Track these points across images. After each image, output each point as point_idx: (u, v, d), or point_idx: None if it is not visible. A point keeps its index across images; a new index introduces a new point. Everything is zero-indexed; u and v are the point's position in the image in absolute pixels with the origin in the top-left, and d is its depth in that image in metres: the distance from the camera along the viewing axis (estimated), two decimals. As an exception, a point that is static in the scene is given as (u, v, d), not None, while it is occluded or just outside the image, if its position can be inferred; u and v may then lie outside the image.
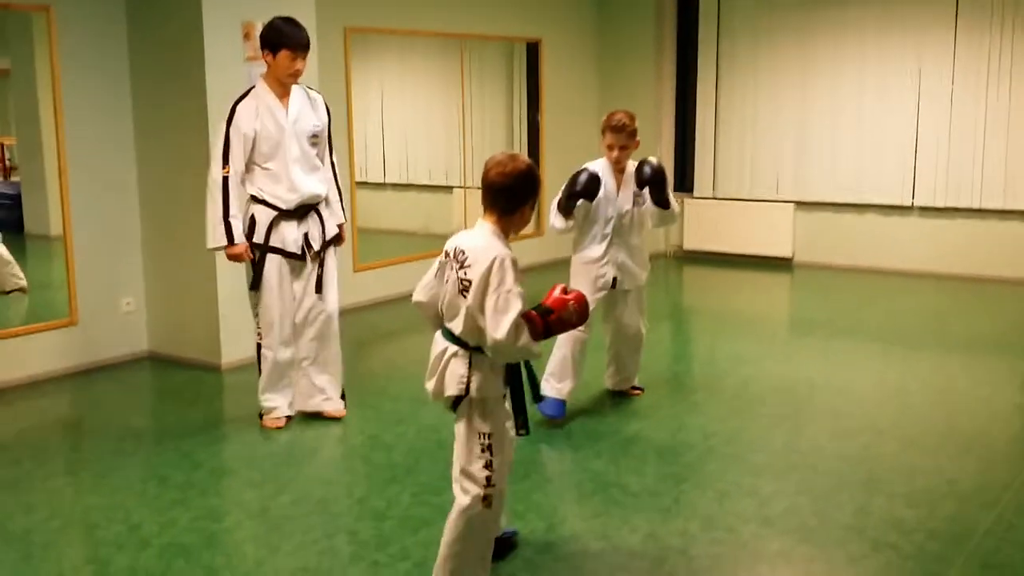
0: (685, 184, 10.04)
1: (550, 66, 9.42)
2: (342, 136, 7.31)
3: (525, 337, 2.84)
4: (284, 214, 4.66)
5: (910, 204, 8.82)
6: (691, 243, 9.88)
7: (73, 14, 5.74)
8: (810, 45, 9.13)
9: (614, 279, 4.86)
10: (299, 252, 4.72)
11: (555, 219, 4.71)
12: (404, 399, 5.34)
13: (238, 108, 4.58)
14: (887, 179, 8.87)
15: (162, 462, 4.45)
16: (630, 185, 4.82)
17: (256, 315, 4.77)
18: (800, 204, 9.34)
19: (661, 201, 4.78)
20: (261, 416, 4.88)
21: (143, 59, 5.98)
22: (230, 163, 4.57)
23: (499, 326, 2.81)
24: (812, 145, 9.23)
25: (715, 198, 9.76)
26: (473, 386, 2.96)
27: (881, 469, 4.24)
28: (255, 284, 4.69)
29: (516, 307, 2.83)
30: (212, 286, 5.79)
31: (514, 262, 2.88)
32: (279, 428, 4.83)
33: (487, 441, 3.01)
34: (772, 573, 3.36)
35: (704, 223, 9.80)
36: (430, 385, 3.05)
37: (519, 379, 3.09)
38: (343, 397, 5.03)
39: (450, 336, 2.99)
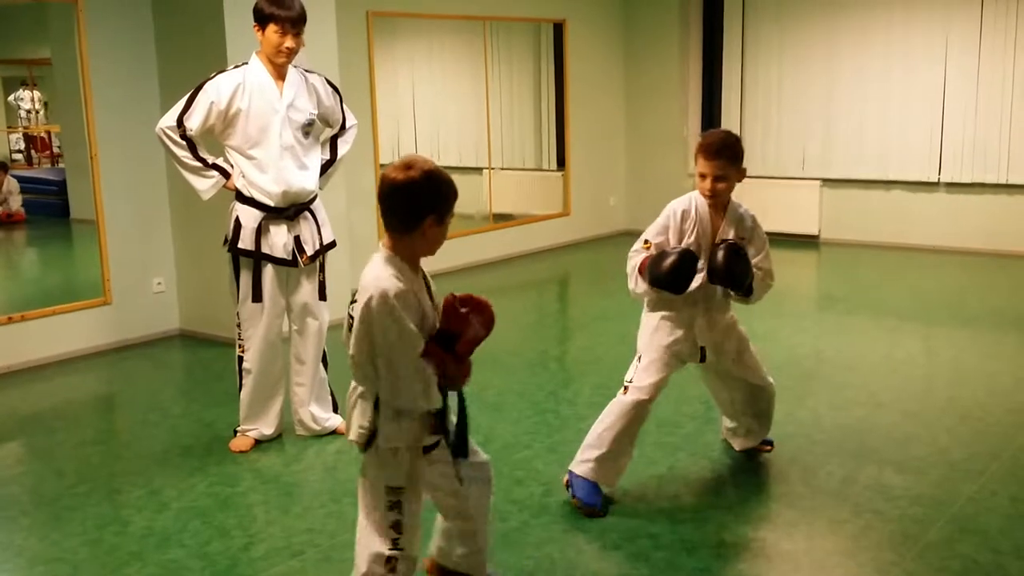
0: (711, 162, 10.08)
1: (575, 47, 9.52)
2: (366, 120, 7.49)
3: (429, 389, 2.51)
4: (272, 215, 4.21)
5: (936, 180, 8.81)
6: (718, 221, 9.91)
7: (101, 3, 5.97)
8: (836, 22, 9.13)
9: (702, 351, 3.81)
10: (289, 258, 4.25)
11: (634, 283, 3.70)
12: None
13: (218, 76, 4.15)
14: (913, 155, 8.87)
15: (185, 432, 4.69)
16: (732, 229, 3.71)
17: (238, 325, 4.33)
18: (826, 181, 9.36)
19: (738, 291, 3.74)
20: (235, 432, 4.49)
21: (169, 45, 6.20)
22: (185, 124, 4.13)
23: (395, 383, 2.48)
24: (838, 122, 9.24)
25: (741, 176, 9.78)
26: (381, 434, 2.57)
27: (875, 439, 4.34)
28: (256, 296, 4.24)
29: (407, 358, 2.46)
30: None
31: (400, 296, 2.45)
32: (243, 452, 4.37)
33: (395, 498, 2.62)
34: (754, 534, 3.49)
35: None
36: (347, 428, 2.71)
37: (456, 424, 2.68)
38: (336, 409, 4.62)
39: None
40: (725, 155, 3.62)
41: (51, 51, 7.04)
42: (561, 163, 9.72)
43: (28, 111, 8.86)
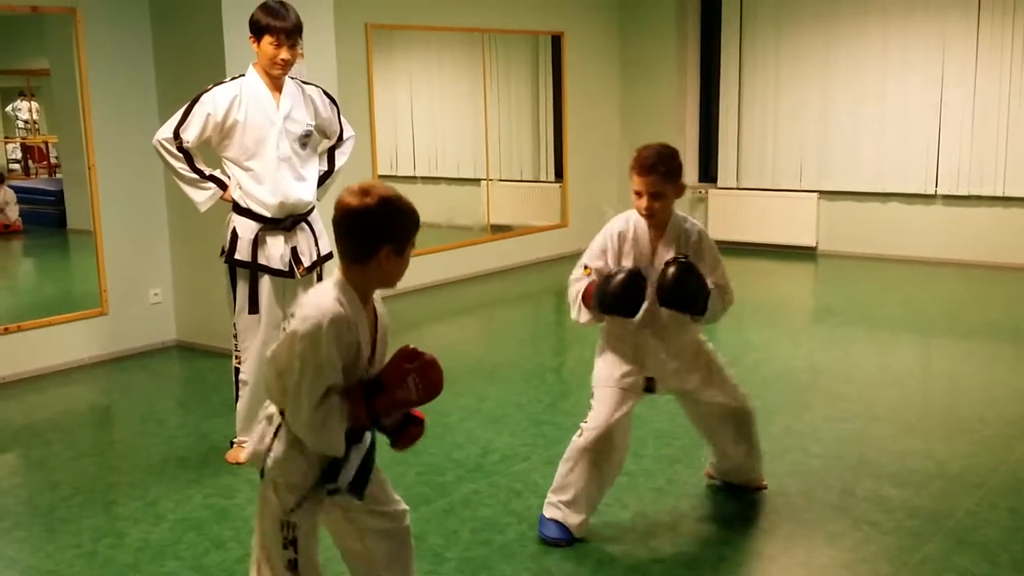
0: (709, 174, 10.12)
1: (573, 59, 9.54)
2: (364, 132, 7.50)
3: (329, 432, 2.31)
4: (269, 226, 4.20)
5: (933, 193, 8.83)
6: (715, 233, 9.74)
7: (99, 15, 5.98)
8: (833, 34, 9.15)
9: (648, 381, 3.53)
10: (286, 269, 4.25)
11: (577, 312, 3.47)
12: (417, 385, 5.51)
13: (215, 88, 4.15)
14: (910, 168, 8.89)
15: (181, 443, 4.68)
16: (672, 248, 3.45)
17: (235, 336, 4.33)
18: (823, 193, 9.37)
19: (689, 312, 3.46)
20: (231, 444, 4.47)
21: (167, 56, 6.21)
22: (181, 136, 4.13)
23: (293, 413, 2.31)
24: (835, 134, 9.26)
25: (739, 188, 9.82)
26: (270, 461, 2.40)
27: (873, 451, 4.34)
28: (252, 307, 4.22)
29: (311, 389, 2.26)
30: (235, 276, 6.01)
31: (334, 323, 2.28)
32: (239, 463, 4.30)
33: (291, 534, 2.41)
34: (752, 546, 3.49)
35: (728, 213, 9.87)
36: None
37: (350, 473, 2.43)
38: None
39: None
40: (659, 171, 3.35)
41: (49, 62, 7.05)
42: (559, 175, 9.73)
43: (26, 121, 8.86)
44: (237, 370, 4.36)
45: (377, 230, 2.33)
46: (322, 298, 2.34)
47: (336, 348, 2.29)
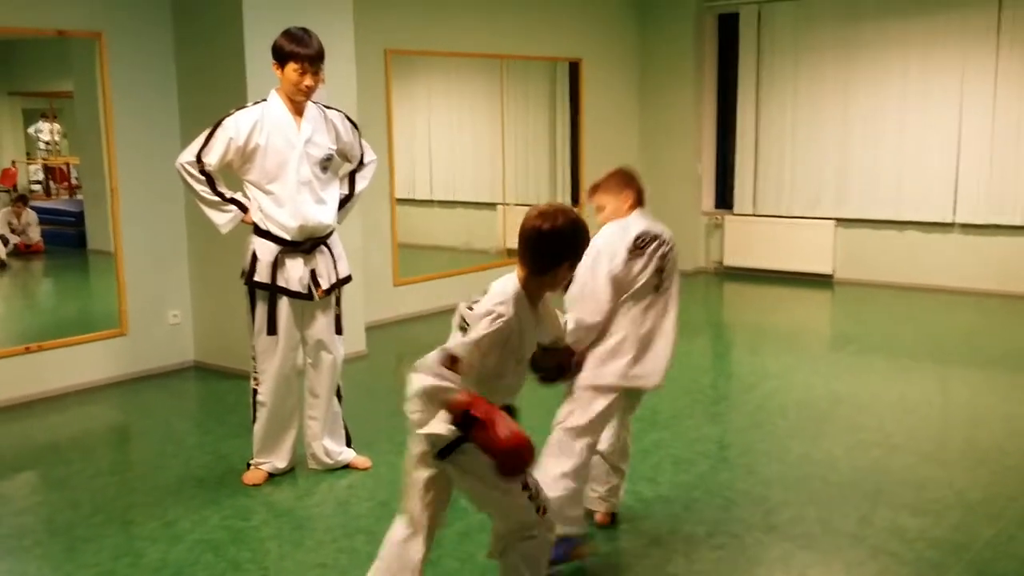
0: (725, 200, 10.14)
1: (590, 85, 9.59)
2: (382, 156, 7.54)
3: (436, 396, 2.56)
4: (289, 249, 4.24)
5: (951, 221, 8.80)
6: (732, 259, 9.95)
7: (123, 39, 6.06)
8: (851, 61, 9.17)
9: None
10: (304, 291, 4.28)
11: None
12: (433, 408, 5.52)
13: (237, 113, 4.19)
14: (928, 196, 8.86)
15: (199, 464, 4.70)
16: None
17: (253, 358, 4.36)
18: (841, 221, 9.36)
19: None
20: (248, 466, 4.49)
21: (190, 79, 6.28)
22: (203, 160, 4.17)
23: (427, 357, 2.61)
24: (853, 162, 9.25)
25: (756, 215, 9.82)
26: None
27: (891, 481, 4.32)
28: (271, 329, 4.27)
29: (466, 356, 2.58)
30: (254, 298, 6.05)
31: (507, 323, 2.61)
32: (256, 485, 4.38)
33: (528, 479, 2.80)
34: (769, 575, 3.48)
35: (745, 239, 9.87)
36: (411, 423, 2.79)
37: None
38: (349, 443, 4.65)
39: None
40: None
41: (73, 84, 7.14)
42: (575, 200, 9.76)
43: (47, 143, 8.97)
44: (255, 391, 4.38)
45: (563, 249, 2.67)
46: (503, 297, 2.65)
47: (496, 341, 2.61)
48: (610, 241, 3.38)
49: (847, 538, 3.74)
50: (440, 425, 2.59)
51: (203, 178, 4.22)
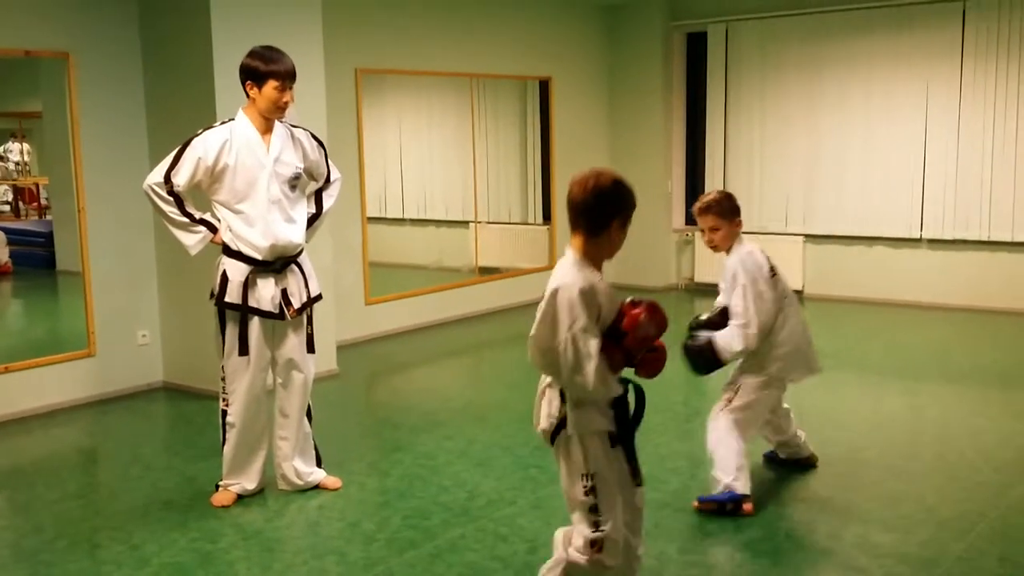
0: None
1: (561, 103, 9.64)
2: (353, 175, 7.54)
3: (604, 377, 2.72)
4: (260, 269, 4.22)
5: (919, 237, 8.89)
6: (702, 276, 9.99)
7: (91, 59, 6.03)
8: (818, 79, 9.27)
9: None
10: (276, 311, 4.26)
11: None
12: (404, 427, 5.50)
13: (205, 132, 4.17)
14: (896, 212, 8.96)
15: (167, 486, 4.64)
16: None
17: (223, 378, 4.31)
18: (809, 237, 9.43)
19: None
20: (217, 487, 4.44)
21: (158, 99, 6.25)
22: (172, 180, 4.14)
23: (574, 372, 2.69)
24: (821, 178, 9.34)
25: (726, 232, 9.85)
26: (569, 420, 2.79)
27: (861, 497, 4.34)
28: (242, 349, 4.23)
29: (589, 350, 2.69)
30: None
31: (584, 292, 2.71)
32: (225, 507, 4.33)
33: (589, 483, 2.81)
34: (740, 594, 3.47)
35: (715, 256, 9.80)
36: (535, 419, 2.94)
37: (630, 417, 2.90)
38: (319, 463, 4.61)
39: None
40: (712, 211, 4.36)
41: (42, 104, 7.09)
42: (547, 217, 9.78)
43: (16, 163, 8.89)
44: (224, 412, 4.34)
45: (608, 207, 2.79)
46: (568, 273, 2.76)
47: (589, 312, 2.71)
48: (754, 268, 4.24)
49: (817, 554, 3.75)
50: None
51: (171, 199, 4.19)
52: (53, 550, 3.92)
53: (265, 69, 4.11)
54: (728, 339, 4.18)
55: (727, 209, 4.27)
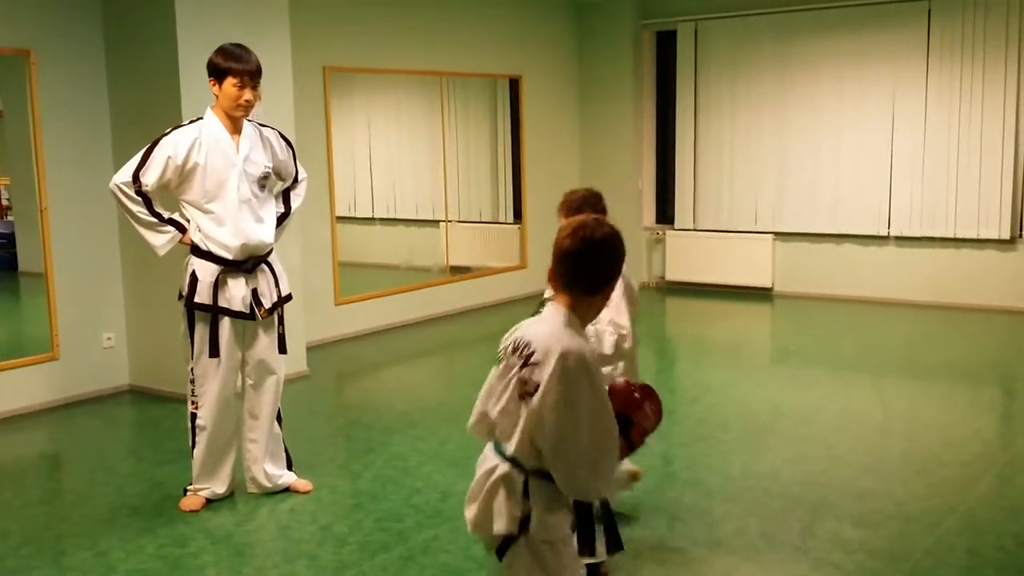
0: (666, 216, 10.21)
1: (531, 102, 9.62)
2: (322, 174, 7.48)
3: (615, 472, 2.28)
4: (230, 269, 4.17)
5: (886, 234, 8.96)
6: (673, 274, 10.01)
7: (53, 57, 5.93)
8: (787, 77, 9.31)
9: None
10: (247, 311, 4.21)
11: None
12: (376, 428, 5.46)
13: (174, 131, 4.12)
14: (864, 209, 9.02)
15: (134, 491, 4.57)
16: None
17: (191, 381, 4.25)
18: (779, 235, 9.48)
19: None
20: (185, 491, 4.37)
21: (122, 98, 6.16)
22: (141, 180, 4.07)
23: (596, 467, 2.19)
24: (790, 177, 9.38)
25: (696, 230, 9.90)
26: (533, 523, 2.22)
27: (833, 492, 4.35)
28: (213, 351, 4.16)
29: (616, 435, 2.22)
30: (191, 320, 5.93)
31: (594, 362, 2.23)
32: (194, 511, 4.26)
33: None
34: (714, 592, 3.47)
35: (685, 254, 9.94)
36: (470, 513, 2.35)
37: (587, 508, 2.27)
38: (290, 465, 4.56)
39: (503, 453, 2.32)
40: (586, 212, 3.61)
41: (2, 103, 6.96)
42: (518, 216, 9.76)
43: (-23, 163, 8.73)
44: (194, 416, 4.28)
45: (615, 264, 2.35)
46: (563, 335, 2.23)
47: (603, 387, 2.23)
48: None
49: (789, 550, 3.76)
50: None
51: (139, 199, 4.12)
52: (18, 556, 3.85)
53: (224, 66, 4.08)
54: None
55: (599, 210, 3.75)
